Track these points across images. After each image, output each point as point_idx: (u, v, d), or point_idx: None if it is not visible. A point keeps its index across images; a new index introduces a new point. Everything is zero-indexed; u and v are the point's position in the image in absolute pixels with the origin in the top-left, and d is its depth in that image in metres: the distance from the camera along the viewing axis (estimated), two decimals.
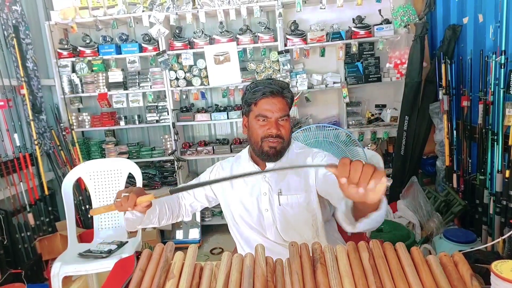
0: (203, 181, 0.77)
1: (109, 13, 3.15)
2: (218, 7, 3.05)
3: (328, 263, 0.83)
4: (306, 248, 0.90)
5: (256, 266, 0.85)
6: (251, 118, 1.27)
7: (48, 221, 2.96)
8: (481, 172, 2.34)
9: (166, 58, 3.15)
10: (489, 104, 2.24)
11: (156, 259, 0.92)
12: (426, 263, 0.82)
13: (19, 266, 2.61)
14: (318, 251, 0.87)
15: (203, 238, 3.28)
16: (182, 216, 1.41)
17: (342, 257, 0.84)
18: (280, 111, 1.22)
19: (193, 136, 3.69)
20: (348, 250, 0.88)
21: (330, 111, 3.50)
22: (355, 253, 0.86)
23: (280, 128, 1.23)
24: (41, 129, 3.11)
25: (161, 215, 1.25)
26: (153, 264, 0.90)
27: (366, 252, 0.85)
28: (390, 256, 0.83)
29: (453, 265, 0.81)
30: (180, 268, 0.88)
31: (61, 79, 3.27)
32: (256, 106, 1.24)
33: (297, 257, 0.87)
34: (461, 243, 2.12)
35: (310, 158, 1.29)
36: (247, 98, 1.27)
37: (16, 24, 2.90)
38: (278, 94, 1.23)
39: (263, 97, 1.22)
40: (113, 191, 2.46)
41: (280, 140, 1.23)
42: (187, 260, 0.90)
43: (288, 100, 1.27)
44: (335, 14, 3.28)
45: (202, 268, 0.90)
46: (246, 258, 0.88)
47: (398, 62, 3.09)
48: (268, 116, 1.22)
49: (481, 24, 2.43)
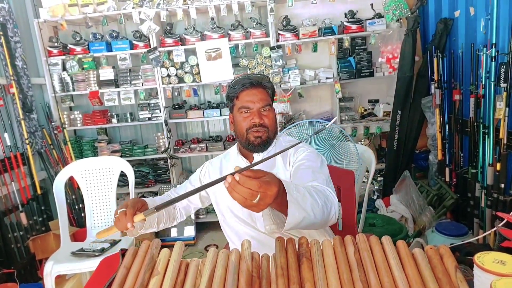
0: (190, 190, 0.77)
1: (99, 10, 3.12)
2: (209, 3, 3.02)
3: (313, 258, 0.83)
4: (292, 243, 0.90)
5: (241, 262, 0.84)
6: (235, 112, 1.29)
7: (41, 221, 2.94)
8: (473, 166, 2.35)
9: (157, 55, 3.13)
10: (480, 98, 2.25)
11: (142, 256, 0.91)
12: (411, 256, 0.81)
13: (12, 266, 2.59)
14: (304, 246, 0.87)
15: (198, 235, 3.27)
16: (177, 219, 1.41)
17: (328, 252, 0.84)
18: (261, 101, 1.25)
19: (186, 134, 3.68)
20: (334, 244, 0.87)
21: (323, 106, 3.50)
22: (341, 247, 0.86)
23: (263, 118, 1.25)
24: (32, 128, 3.08)
25: (159, 220, 1.27)
26: (138, 262, 0.89)
27: (352, 246, 0.85)
28: (376, 249, 0.83)
29: (438, 257, 0.81)
30: (165, 265, 0.87)
31: (52, 77, 3.23)
32: (238, 99, 1.27)
33: (283, 252, 0.87)
34: (453, 236, 2.13)
35: (293, 150, 1.28)
36: (229, 93, 1.31)
37: (3, 21, 2.86)
38: (257, 85, 1.27)
39: (243, 89, 1.26)
40: (106, 189, 2.45)
41: (264, 129, 1.25)
42: (172, 257, 0.89)
43: (269, 90, 1.30)
44: (326, 9, 3.27)
45: (188, 265, 0.89)
46: (232, 254, 0.87)
47: (390, 56, 3.09)
48: (250, 107, 1.25)
49: (473, 17, 2.43)
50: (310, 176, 1.12)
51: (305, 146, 1.30)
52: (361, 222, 2.11)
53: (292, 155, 1.28)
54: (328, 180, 1.17)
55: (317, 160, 1.24)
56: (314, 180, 1.10)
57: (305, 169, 1.17)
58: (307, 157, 1.23)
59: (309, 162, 1.21)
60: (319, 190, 1.01)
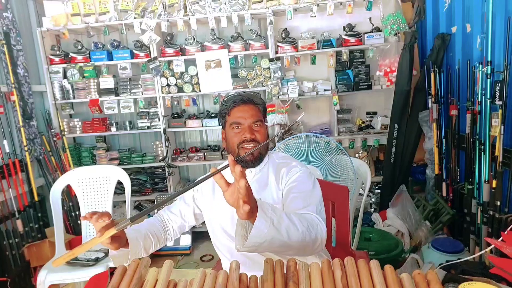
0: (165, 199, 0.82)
1: (101, 19, 3.16)
2: (209, 15, 3.06)
3: (300, 281, 0.83)
4: (281, 265, 0.90)
5: (228, 284, 0.85)
6: (227, 128, 1.31)
7: (38, 227, 2.95)
8: (469, 181, 2.35)
9: (158, 64, 3.16)
10: (476, 114, 2.26)
11: (130, 276, 0.91)
12: (398, 282, 0.82)
13: (6, 274, 2.59)
14: (292, 269, 0.87)
15: (194, 245, 3.26)
16: (170, 238, 1.40)
17: (315, 276, 0.84)
18: (252, 117, 1.26)
19: (184, 142, 3.69)
20: (322, 267, 0.88)
21: (321, 118, 3.51)
22: (328, 271, 0.86)
23: (254, 133, 1.26)
24: (31, 135, 3.09)
25: (147, 246, 1.25)
26: (126, 281, 0.89)
27: (340, 270, 0.85)
28: (363, 274, 0.83)
29: (425, 285, 0.81)
30: (153, 286, 0.88)
31: (53, 85, 3.26)
32: (230, 115, 1.29)
33: (270, 274, 0.87)
34: (449, 253, 2.12)
35: (285, 169, 1.29)
36: (221, 110, 1.33)
37: (7, 30, 2.89)
38: (248, 102, 1.29)
39: (235, 106, 1.28)
40: (102, 198, 2.46)
41: (256, 145, 1.24)
42: (160, 277, 0.89)
43: (260, 107, 1.31)
44: (325, 22, 3.30)
45: (175, 285, 0.89)
46: (220, 275, 0.88)
47: (388, 70, 3.11)
48: (241, 122, 1.26)
49: (469, 33, 2.45)
50: (301, 204, 1.13)
51: (298, 165, 1.31)
52: (356, 237, 2.11)
53: (285, 175, 1.27)
54: (319, 205, 1.17)
55: (309, 181, 1.24)
56: (305, 207, 1.11)
57: (297, 196, 1.17)
58: (300, 179, 1.23)
59: (301, 185, 1.21)
60: (305, 218, 1.02)
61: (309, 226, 1.01)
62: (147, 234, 1.26)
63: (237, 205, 0.87)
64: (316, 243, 1.02)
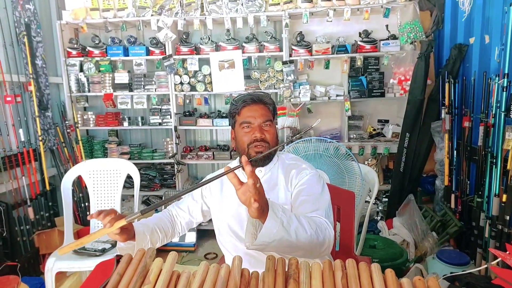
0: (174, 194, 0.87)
1: (119, 15, 3.22)
2: (225, 15, 3.09)
3: (301, 279, 0.84)
4: (283, 263, 0.91)
5: (230, 278, 0.86)
6: (237, 128, 1.31)
7: (48, 216, 3.01)
8: (479, 195, 2.32)
9: (172, 62, 3.20)
10: (490, 126, 2.23)
11: (135, 264, 0.93)
12: (398, 286, 0.82)
13: (17, 259, 2.64)
14: (293, 267, 0.88)
15: (199, 242, 3.28)
16: (178, 233, 1.43)
17: (316, 275, 0.85)
18: (262, 117, 1.27)
19: (194, 141, 3.72)
20: (323, 267, 0.88)
21: (332, 123, 3.51)
22: (329, 271, 0.86)
23: (264, 133, 1.27)
24: (46, 125, 3.16)
25: (154, 240, 1.27)
26: (131, 269, 0.91)
27: (340, 271, 0.85)
28: (363, 276, 0.84)
29: None
30: (157, 275, 0.89)
31: (69, 77, 3.33)
32: (240, 115, 1.30)
33: (272, 271, 0.88)
34: (454, 265, 2.10)
35: (295, 171, 1.29)
36: (231, 110, 1.34)
37: (28, 22, 2.97)
38: (258, 102, 1.30)
39: (245, 105, 1.29)
40: (111, 190, 2.50)
41: (265, 144, 1.26)
42: (164, 267, 0.91)
43: (270, 107, 1.32)
44: (341, 27, 3.30)
45: (179, 276, 0.91)
46: (222, 269, 0.89)
47: (402, 78, 3.10)
48: (251, 122, 1.27)
49: (487, 45, 2.43)
50: (310, 207, 1.15)
51: (308, 168, 1.31)
52: (361, 243, 2.10)
53: (295, 177, 1.28)
54: (327, 209, 1.18)
55: (319, 184, 1.25)
56: (314, 211, 1.12)
57: (306, 200, 1.19)
58: (309, 182, 1.24)
59: (310, 188, 1.22)
60: (314, 221, 1.03)
61: (317, 229, 1.02)
62: (154, 228, 1.28)
63: (249, 203, 0.90)
64: (323, 246, 1.04)
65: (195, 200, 1.44)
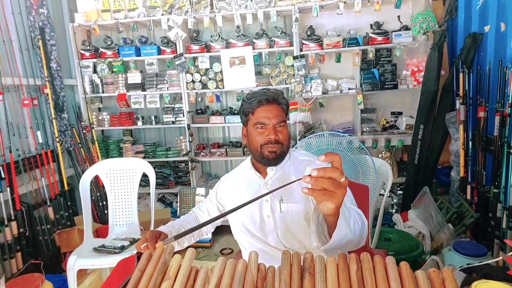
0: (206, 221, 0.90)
1: (130, 16, 3.26)
2: (235, 11, 3.10)
3: (316, 273, 0.86)
4: (298, 257, 0.92)
5: (247, 273, 0.88)
6: (250, 127, 1.32)
7: (67, 215, 3.09)
8: (495, 185, 2.29)
9: (183, 61, 3.23)
10: (506, 116, 2.19)
11: (155, 261, 0.96)
12: (413, 278, 0.82)
13: (39, 257, 2.74)
14: (309, 261, 0.90)
15: (214, 238, 3.33)
16: (205, 233, 1.51)
17: (331, 268, 0.86)
18: (276, 118, 1.27)
19: (207, 138, 3.76)
20: (338, 261, 0.89)
21: (344, 117, 3.49)
22: (344, 265, 0.88)
23: (278, 134, 1.27)
24: (62, 127, 3.24)
25: (181, 241, 1.35)
26: (152, 265, 0.94)
27: (355, 264, 0.87)
28: (378, 269, 0.85)
29: (440, 281, 0.82)
30: (176, 271, 0.92)
31: (83, 79, 3.40)
32: (254, 114, 1.30)
33: (287, 265, 0.90)
34: (471, 256, 2.08)
35: (310, 168, 1.30)
36: (244, 108, 1.33)
37: (42, 26, 3.04)
38: (273, 101, 1.29)
39: (260, 105, 1.28)
40: (128, 189, 2.55)
41: (279, 145, 1.27)
42: (183, 263, 0.94)
43: (284, 106, 1.32)
44: (352, 20, 3.27)
45: (197, 271, 0.94)
46: (239, 264, 0.91)
47: (415, 69, 3.06)
48: (266, 123, 1.27)
49: (503, 33, 2.38)
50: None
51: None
52: (375, 236, 2.10)
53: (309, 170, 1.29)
54: (354, 201, 1.19)
55: None
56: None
57: None
58: None
59: None
60: (356, 211, 1.04)
61: (362, 218, 1.02)
62: (180, 229, 1.34)
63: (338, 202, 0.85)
64: (363, 236, 1.03)
65: (212, 202, 1.50)
